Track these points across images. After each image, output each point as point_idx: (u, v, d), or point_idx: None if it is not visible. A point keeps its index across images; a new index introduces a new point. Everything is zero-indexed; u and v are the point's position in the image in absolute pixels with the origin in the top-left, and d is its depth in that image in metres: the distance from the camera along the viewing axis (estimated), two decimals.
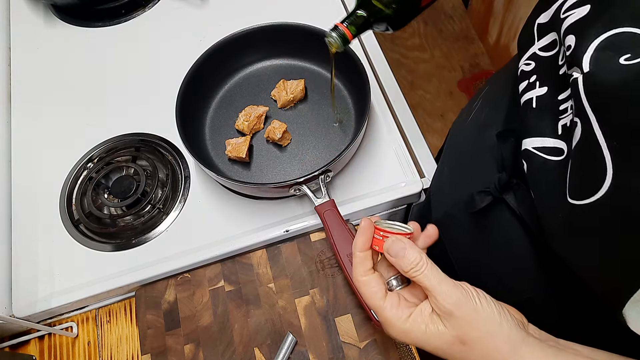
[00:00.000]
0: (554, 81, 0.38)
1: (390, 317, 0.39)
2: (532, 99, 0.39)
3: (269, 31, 0.73)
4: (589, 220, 0.31)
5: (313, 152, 0.70)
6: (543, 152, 0.37)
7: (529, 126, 0.39)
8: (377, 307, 0.40)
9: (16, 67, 0.86)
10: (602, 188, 0.29)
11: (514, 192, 0.43)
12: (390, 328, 0.39)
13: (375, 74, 0.79)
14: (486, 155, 0.49)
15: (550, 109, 0.37)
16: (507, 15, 1.65)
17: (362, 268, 0.42)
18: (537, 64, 0.40)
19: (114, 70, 0.83)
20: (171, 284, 0.64)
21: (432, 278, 0.38)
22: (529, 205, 0.40)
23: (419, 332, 0.38)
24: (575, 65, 0.31)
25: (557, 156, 0.36)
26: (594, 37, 0.30)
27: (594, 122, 0.29)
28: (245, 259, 0.65)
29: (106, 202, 0.69)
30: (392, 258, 0.40)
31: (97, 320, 0.65)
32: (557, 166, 0.35)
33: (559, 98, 0.37)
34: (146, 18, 0.90)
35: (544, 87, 0.39)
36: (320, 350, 0.59)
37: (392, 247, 0.40)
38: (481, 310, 0.36)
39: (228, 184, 0.67)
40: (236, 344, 0.60)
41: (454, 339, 0.36)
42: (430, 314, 0.38)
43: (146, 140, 0.74)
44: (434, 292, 0.37)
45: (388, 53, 0.96)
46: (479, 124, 0.54)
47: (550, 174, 0.36)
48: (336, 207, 0.60)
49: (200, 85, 0.72)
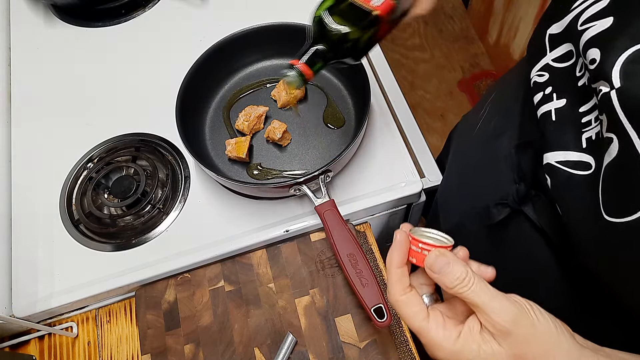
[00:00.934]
0: (573, 93, 0.37)
1: (438, 339, 0.35)
2: (550, 112, 0.38)
3: (269, 31, 0.73)
4: (627, 238, 0.30)
5: (313, 152, 0.70)
6: (567, 167, 0.36)
7: (550, 140, 0.37)
8: (421, 328, 0.36)
9: (16, 67, 0.86)
10: None
11: (533, 203, 0.41)
12: (437, 350, 0.35)
13: (375, 74, 0.79)
14: (500, 166, 0.48)
15: (572, 121, 0.36)
16: (507, 15, 1.65)
17: (400, 286, 0.37)
18: (552, 75, 0.39)
19: (114, 70, 0.83)
20: (171, 284, 0.64)
21: (482, 295, 0.34)
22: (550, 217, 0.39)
23: (471, 353, 0.34)
24: (602, 79, 0.30)
25: (584, 170, 0.34)
26: (622, 50, 0.29)
27: (635, 137, 0.28)
28: (245, 259, 0.65)
29: (106, 202, 0.69)
30: (435, 275, 0.36)
31: (97, 320, 0.65)
32: (584, 181, 0.34)
33: (580, 110, 0.36)
34: (146, 18, 0.90)
35: (562, 100, 0.37)
36: (320, 350, 0.59)
37: (436, 263, 0.36)
38: (539, 326, 0.33)
39: (228, 184, 0.67)
40: (236, 344, 0.60)
41: (511, 358, 0.33)
42: (480, 331, 0.34)
43: (146, 140, 0.74)
44: (486, 309, 0.33)
45: (388, 53, 0.96)
46: (488, 133, 0.53)
47: (577, 189, 0.35)
48: (336, 207, 0.60)
49: (200, 85, 0.72)
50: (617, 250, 0.32)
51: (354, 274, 0.55)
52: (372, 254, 0.66)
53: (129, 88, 0.81)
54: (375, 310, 0.53)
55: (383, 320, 0.52)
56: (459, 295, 0.35)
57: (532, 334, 0.33)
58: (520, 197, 0.42)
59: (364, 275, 0.55)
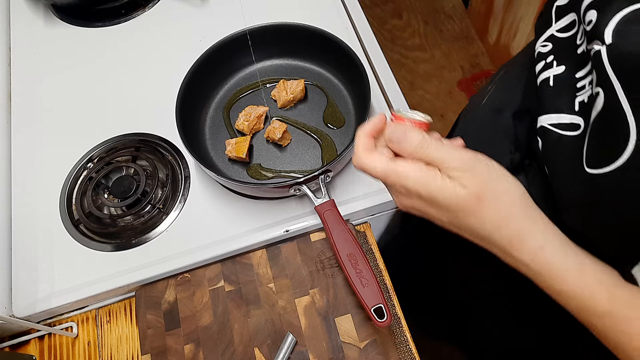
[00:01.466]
0: (572, 60, 0.38)
1: (403, 168, 0.37)
2: (549, 78, 0.39)
3: (269, 31, 0.73)
4: (608, 188, 0.31)
5: (313, 152, 0.70)
6: (559, 129, 0.37)
7: (546, 104, 0.39)
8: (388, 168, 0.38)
9: (16, 67, 0.86)
10: (624, 153, 0.30)
11: (525, 173, 0.43)
12: (404, 179, 0.37)
13: (375, 74, 0.79)
14: (500, 138, 0.49)
15: (568, 86, 0.38)
16: (507, 15, 1.65)
17: (366, 149, 0.40)
18: (555, 45, 0.40)
19: (114, 70, 0.83)
20: (171, 284, 0.64)
21: (440, 150, 0.36)
22: (540, 186, 0.41)
23: (435, 187, 0.36)
24: (597, 39, 0.32)
25: (574, 131, 0.36)
26: (617, 11, 0.31)
27: (619, 89, 0.30)
28: (245, 259, 0.65)
29: (106, 202, 0.69)
30: (395, 144, 0.38)
31: (97, 320, 0.65)
32: (572, 141, 0.36)
33: (576, 76, 0.37)
34: (146, 18, 0.90)
35: (561, 66, 0.39)
36: (320, 350, 0.59)
37: (394, 134, 0.38)
38: (493, 171, 0.36)
39: (228, 184, 0.67)
40: (236, 344, 0.60)
41: (470, 197, 0.35)
42: (441, 177, 0.36)
43: (146, 140, 0.74)
44: (445, 159, 0.36)
45: (388, 53, 0.96)
46: (493, 108, 0.54)
47: (566, 149, 0.36)
48: (336, 207, 0.60)
49: (200, 85, 0.72)
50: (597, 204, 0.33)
51: (354, 274, 0.55)
52: (372, 254, 0.66)
53: (129, 88, 0.81)
54: (375, 310, 0.53)
55: (383, 320, 0.52)
56: (422, 158, 0.37)
57: (488, 176, 0.36)
58: (514, 167, 0.43)
59: (364, 275, 0.55)
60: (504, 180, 0.36)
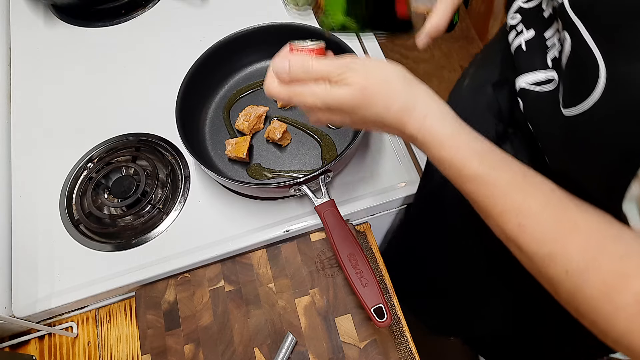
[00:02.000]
0: (539, 23, 0.41)
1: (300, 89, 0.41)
2: (521, 45, 0.42)
3: (269, 31, 0.73)
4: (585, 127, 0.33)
5: (313, 152, 0.70)
6: (536, 86, 0.40)
7: (521, 66, 0.41)
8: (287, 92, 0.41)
9: (16, 67, 0.86)
10: (596, 87, 0.31)
11: (511, 142, 0.45)
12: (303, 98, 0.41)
13: None
14: (483, 112, 0.51)
15: (539, 46, 0.40)
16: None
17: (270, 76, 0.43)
18: (523, 15, 0.43)
19: (113, 70, 0.83)
20: (171, 284, 0.64)
21: (320, 63, 0.40)
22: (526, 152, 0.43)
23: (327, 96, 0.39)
24: None
25: (550, 85, 0.38)
26: None
27: (583, 30, 0.32)
28: (245, 259, 0.65)
29: (106, 202, 0.69)
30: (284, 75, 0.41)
31: (97, 320, 0.65)
32: (550, 94, 0.38)
33: (545, 36, 0.40)
34: (146, 18, 0.90)
35: (530, 30, 0.42)
36: (320, 350, 0.59)
37: (276, 64, 0.41)
38: (370, 63, 0.40)
39: (228, 184, 0.67)
40: (236, 344, 0.60)
41: (356, 92, 0.38)
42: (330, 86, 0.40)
43: (146, 140, 0.74)
44: (326, 69, 0.39)
45: (388, 53, 0.96)
46: (474, 87, 0.57)
47: (545, 101, 0.38)
48: (336, 207, 0.60)
49: (200, 85, 0.72)
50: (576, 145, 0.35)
51: (354, 274, 0.55)
52: (372, 254, 0.66)
53: (129, 88, 0.81)
54: (375, 310, 0.53)
55: (383, 320, 0.52)
56: (309, 77, 0.40)
57: (365, 70, 0.39)
58: (499, 137, 0.46)
59: (364, 275, 0.55)
60: (382, 69, 0.40)
